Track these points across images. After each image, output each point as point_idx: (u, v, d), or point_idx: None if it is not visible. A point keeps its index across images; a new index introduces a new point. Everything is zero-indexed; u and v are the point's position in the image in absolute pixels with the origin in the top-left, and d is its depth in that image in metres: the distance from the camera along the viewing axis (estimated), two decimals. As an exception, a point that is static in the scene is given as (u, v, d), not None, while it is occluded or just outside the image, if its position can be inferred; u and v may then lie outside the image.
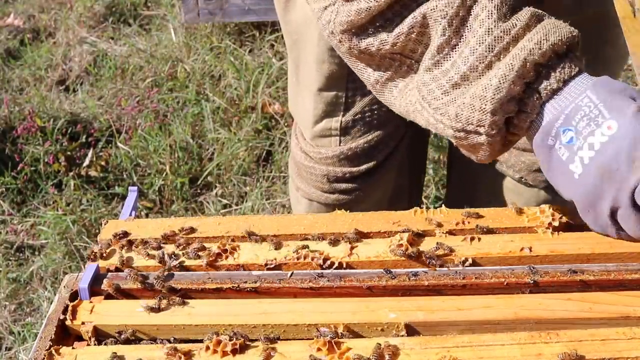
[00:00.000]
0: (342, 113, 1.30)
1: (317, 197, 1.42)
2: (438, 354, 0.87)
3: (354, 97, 1.27)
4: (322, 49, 1.23)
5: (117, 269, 1.05)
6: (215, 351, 0.90)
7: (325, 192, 1.40)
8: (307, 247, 1.04)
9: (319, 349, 0.89)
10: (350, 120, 1.31)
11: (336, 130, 1.33)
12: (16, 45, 3.65)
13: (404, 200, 1.57)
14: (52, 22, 3.78)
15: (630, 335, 0.88)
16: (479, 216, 1.07)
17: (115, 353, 0.90)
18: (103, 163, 2.84)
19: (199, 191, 2.78)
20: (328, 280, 0.99)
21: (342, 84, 1.26)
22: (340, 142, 1.34)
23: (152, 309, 0.97)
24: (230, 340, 0.90)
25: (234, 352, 0.90)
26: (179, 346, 0.92)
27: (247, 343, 0.91)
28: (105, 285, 1.01)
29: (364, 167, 1.36)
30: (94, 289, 1.01)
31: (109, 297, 1.01)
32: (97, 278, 1.02)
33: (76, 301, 1.00)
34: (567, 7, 1.16)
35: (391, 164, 1.39)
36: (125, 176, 2.81)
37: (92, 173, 2.80)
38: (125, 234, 1.09)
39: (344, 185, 1.38)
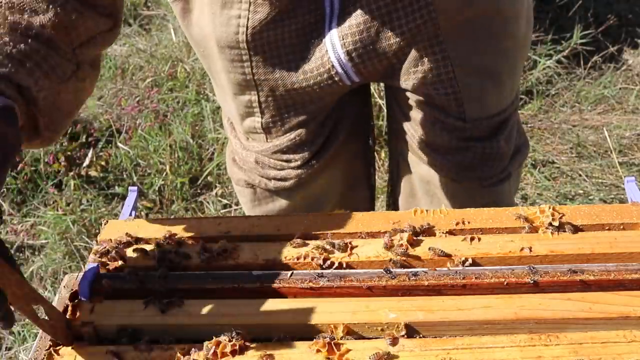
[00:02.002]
0: (260, 115, 1.32)
1: (257, 182, 1.43)
2: (437, 356, 0.87)
3: (267, 102, 1.29)
4: (224, 62, 1.26)
5: (117, 269, 1.05)
6: (214, 352, 0.90)
7: (263, 177, 1.42)
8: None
9: (318, 350, 0.89)
10: (269, 122, 1.33)
11: (260, 129, 1.35)
12: (16, 45, 3.65)
13: (363, 187, 1.58)
14: (52, 22, 3.78)
15: (631, 338, 0.88)
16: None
17: (112, 350, 0.90)
18: (103, 163, 2.84)
19: (199, 191, 2.78)
20: (328, 280, 0.99)
21: (252, 89, 1.28)
22: (267, 139, 1.36)
23: (153, 309, 0.97)
24: (229, 341, 0.90)
25: (233, 353, 0.90)
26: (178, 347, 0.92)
27: (247, 344, 0.91)
28: (105, 285, 1.01)
29: (293, 163, 1.37)
30: (94, 289, 1.01)
31: (109, 297, 1.01)
32: (97, 278, 1.02)
33: (76, 301, 1.00)
34: (457, 4, 1.18)
35: (325, 155, 1.40)
36: (125, 176, 2.81)
37: (92, 173, 2.80)
38: (129, 242, 1.09)
39: (273, 172, 1.40)
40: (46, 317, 0.93)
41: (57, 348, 0.93)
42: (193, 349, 0.91)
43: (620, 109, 3.01)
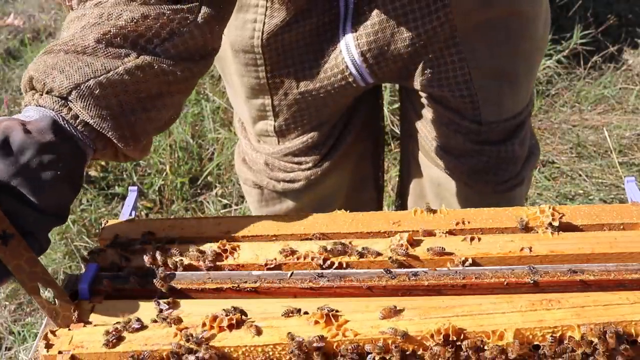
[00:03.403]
0: (273, 118, 1.31)
1: (265, 184, 1.43)
2: (437, 323, 0.87)
3: (280, 106, 1.28)
4: (238, 66, 1.25)
5: (117, 269, 1.05)
6: (211, 327, 0.90)
7: (272, 179, 1.41)
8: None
9: (316, 322, 0.89)
10: (282, 125, 1.32)
11: (272, 132, 1.34)
12: (16, 45, 3.65)
13: (370, 187, 1.58)
14: (52, 22, 3.78)
15: (633, 300, 0.88)
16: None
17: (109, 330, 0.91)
18: (103, 163, 2.84)
19: (199, 191, 2.78)
20: (328, 280, 0.99)
21: (266, 93, 1.27)
22: (279, 141, 1.36)
23: (153, 309, 0.97)
24: (226, 315, 0.90)
25: (230, 327, 0.90)
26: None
27: (244, 318, 0.91)
28: (105, 285, 1.01)
29: (303, 165, 1.37)
30: (94, 289, 1.01)
31: (109, 297, 1.01)
32: (97, 278, 1.02)
33: (76, 301, 1.00)
34: (474, 5, 1.17)
35: (334, 156, 1.39)
36: (125, 176, 2.81)
37: (92, 173, 2.80)
38: (129, 242, 1.09)
39: (282, 175, 1.40)
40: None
41: (54, 329, 0.94)
42: (190, 326, 0.91)
43: (620, 109, 3.01)
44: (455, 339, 0.86)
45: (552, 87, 3.13)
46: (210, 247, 1.06)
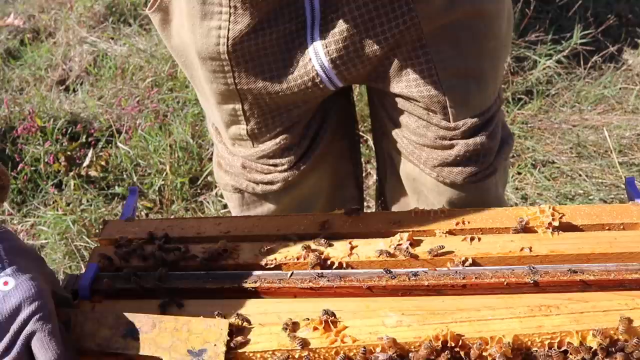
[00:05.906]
0: (245, 122, 1.32)
1: (245, 187, 1.43)
2: (436, 329, 0.87)
3: (251, 110, 1.29)
4: (206, 73, 1.25)
5: (117, 269, 1.05)
6: None
7: (250, 181, 1.42)
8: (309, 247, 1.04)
9: (315, 328, 0.89)
10: (255, 128, 1.33)
11: (246, 136, 1.35)
12: (16, 45, 3.65)
13: (351, 186, 1.59)
14: (52, 22, 3.78)
15: (632, 306, 0.88)
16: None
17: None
18: (103, 163, 2.84)
19: (199, 191, 2.78)
20: (328, 280, 0.99)
21: (236, 98, 1.28)
22: (253, 144, 1.36)
23: (153, 309, 0.97)
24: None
25: (230, 334, 0.90)
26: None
27: (245, 325, 0.91)
28: (105, 285, 1.01)
29: (279, 167, 1.38)
30: (94, 288, 1.01)
31: (109, 297, 1.01)
32: (97, 278, 1.02)
33: (76, 301, 1.00)
34: (439, 8, 1.18)
35: (311, 157, 1.39)
36: (125, 176, 2.81)
37: (92, 173, 2.80)
38: (129, 242, 1.09)
39: (260, 177, 1.40)
40: None
41: None
42: None
43: (620, 109, 3.01)
44: (453, 344, 0.86)
45: (552, 87, 3.13)
46: (210, 247, 1.06)
